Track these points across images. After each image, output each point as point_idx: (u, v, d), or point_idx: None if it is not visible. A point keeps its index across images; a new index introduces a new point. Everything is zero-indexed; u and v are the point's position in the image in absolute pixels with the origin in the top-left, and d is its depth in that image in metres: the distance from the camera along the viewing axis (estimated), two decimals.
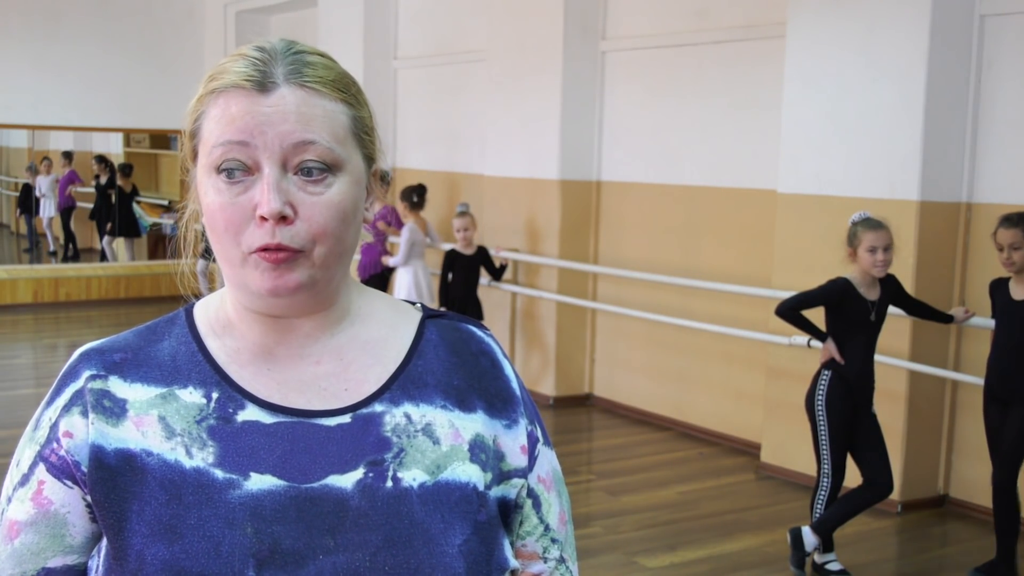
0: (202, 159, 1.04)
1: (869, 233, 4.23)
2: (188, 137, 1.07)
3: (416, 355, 1.12)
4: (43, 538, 1.03)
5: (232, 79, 1.02)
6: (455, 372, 1.13)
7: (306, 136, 1.01)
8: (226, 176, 1.01)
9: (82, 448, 1.03)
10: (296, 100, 1.01)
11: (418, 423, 1.08)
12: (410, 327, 1.15)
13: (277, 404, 1.06)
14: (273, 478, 1.02)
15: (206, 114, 1.04)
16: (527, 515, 1.14)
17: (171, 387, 1.06)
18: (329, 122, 1.03)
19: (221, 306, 1.12)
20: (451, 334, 1.16)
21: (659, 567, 4.57)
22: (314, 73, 1.03)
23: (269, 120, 1.00)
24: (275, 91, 1.01)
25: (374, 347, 1.12)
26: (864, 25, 5.36)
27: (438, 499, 1.05)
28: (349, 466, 1.04)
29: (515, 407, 1.14)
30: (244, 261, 1.02)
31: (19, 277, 10.86)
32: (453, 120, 8.55)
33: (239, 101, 1.01)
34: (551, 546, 1.16)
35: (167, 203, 12.72)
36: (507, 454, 1.12)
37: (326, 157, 1.02)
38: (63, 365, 1.11)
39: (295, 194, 1.01)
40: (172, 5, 11.59)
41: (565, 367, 7.42)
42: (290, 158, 1.01)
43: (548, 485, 1.16)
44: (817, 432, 4.40)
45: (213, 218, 1.02)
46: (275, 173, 1.00)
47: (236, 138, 1.00)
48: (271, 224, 0.99)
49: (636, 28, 7.00)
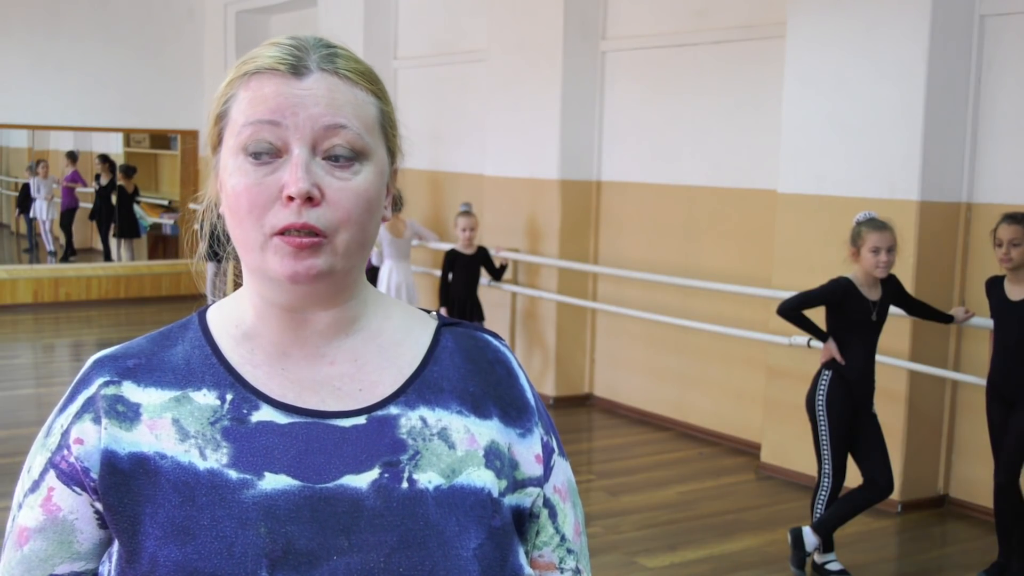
0: (229, 141, 1.03)
1: (874, 234, 4.23)
2: (214, 121, 1.06)
3: (432, 361, 1.12)
4: (51, 544, 1.03)
5: (266, 62, 1.02)
6: (471, 379, 1.12)
7: (337, 120, 1.01)
8: (253, 157, 1.01)
9: (93, 454, 1.02)
10: (329, 85, 1.02)
11: (434, 427, 1.07)
12: (425, 333, 1.14)
13: (291, 404, 1.05)
14: (287, 478, 1.02)
15: (236, 96, 1.04)
16: (543, 525, 1.14)
17: (185, 390, 1.05)
18: (359, 110, 1.04)
19: (237, 306, 1.11)
20: (467, 342, 1.16)
21: (659, 567, 4.57)
22: (346, 64, 1.05)
23: (302, 102, 1.01)
24: (308, 76, 1.02)
25: (389, 350, 1.11)
26: (864, 25, 5.36)
27: (453, 503, 1.04)
28: (364, 466, 1.03)
29: (530, 416, 1.14)
30: (265, 245, 1.01)
31: (19, 277, 10.85)
32: (453, 120, 8.55)
33: (273, 83, 1.01)
34: (567, 556, 1.15)
35: (167, 203, 12.72)
36: (521, 463, 1.11)
37: (355, 144, 1.02)
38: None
39: (323, 177, 1.01)
40: (172, 5, 11.59)
41: (565, 367, 7.42)
42: (320, 141, 1.01)
43: (564, 496, 1.16)
44: (817, 432, 4.40)
45: (237, 200, 1.02)
46: (305, 154, 1.00)
47: (267, 117, 1.00)
48: (297, 204, 0.99)
49: (636, 28, 7.00)
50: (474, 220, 7.03)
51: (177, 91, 11.51)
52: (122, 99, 11.17)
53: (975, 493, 5.23)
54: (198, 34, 11.71)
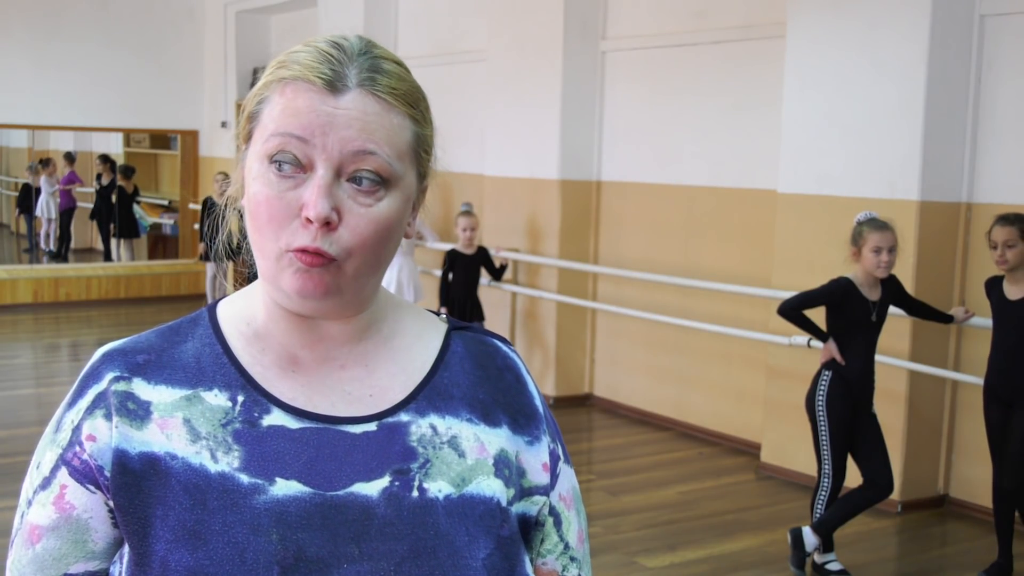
0: (257, 144, 1.02)
1: (875, 234, 4.23)
2: (247, 118, 1.05)
3: (442, 367, 1.11)
4: (65, 543, 1.02)
5: (303, 72, 0.99)
6: (480, 386, 1.12)
7: (367, 146, 0.98)
8: (277, 168, 0.99)
9: (105, 452, 1.01)
10: (364, 108, 0.99)
11: (444, 435, 1.07)
12: (436, 338, 1.14)
13: (302, 409, 1.05)
14: (299, 484, 1.01)
15: (269, 100, 1.02)
16: (548, 533, 1.13)
17: (196, 389, 1.04)
18: (393, 136, 1.01)
19: (247, 305, 1.10)
20: (476, 347, 1.15)
21: (659, 567, 4.57)
22: (387, 83, 1.01)
23: (333, 122, 0.98)
24: (345, 94, 0.99)
25: (400, 355, 1.10)
26: (864, 25, 5.36)
27: (463, 512, 1.04)
28: (375, 474, 1.03)
29: (538, 424, 1.13)
30: (280, 257, 1.00)
31: (19, 277, 10.86)
32: (453, 120, 8.55)
33: (307, 96, 0.99)
34: (570, 564, 1.15)
35: (167, 203, 12.73)
36: (528, 471, 1.11)
37: (383, 171, 0.99)
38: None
39: (344, 201, 0.99)
40: (172, 5, 11.59)
41: (565, 367, 7.42)
42: (346, 165, 0.98)
43: (568, 504, 1.15)
44: (817, 432, 4.40)
45: (257, 208, 1.00)
46: (328, 176, 0.98)
47: (297, 132, 0.98)
48: (315, 228, 0.98)
49: (636, 28, 7.00)
50: (474, 220, 7.03)
51: (177, 91, 11.53)
52: (122, 99, 11.18)
53: (975, 493, 5.23)
54: (198, 34, 11.71)
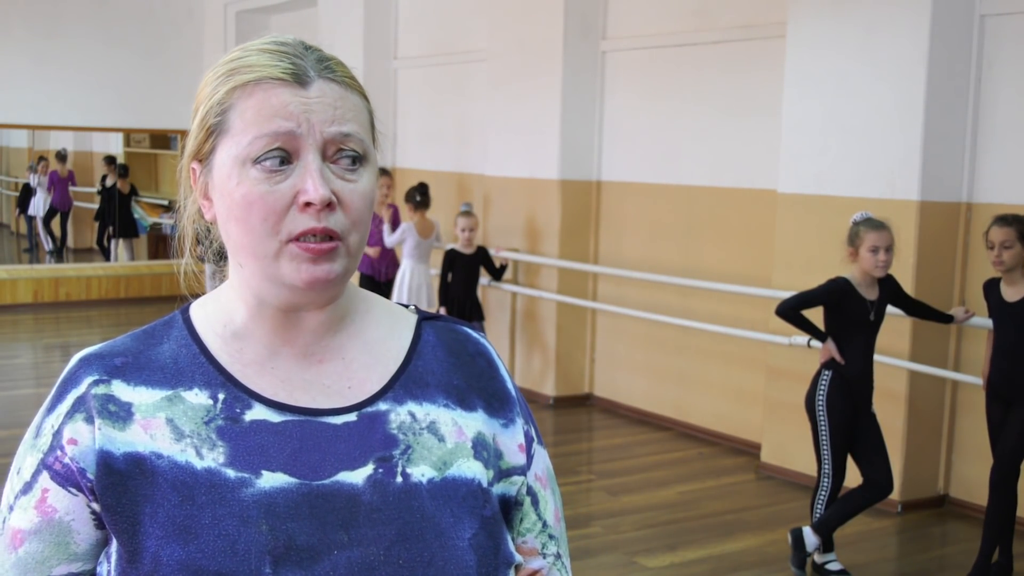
0: (231, 151, 1.03)
1: (871, 233, 4.23)
2: (205, 133, 1.06)
3: (415, 356, 1.15)
4: (48, 547, 1.03)
5: (268, 72, 1.03)
6: (454, 372, 1.15)
7: (344, 128, 1.04)
8: (263, 166, 1.02)
9: (88, 454, 1.02)
10: (331, 94, 1.05)
11: (423, 421, 1.10)
12: (407, 329, 1.17)
13: (283, 403, 1.07)
14: (285, 476, 1.03)
15: (234, 106, 1.04)
16: (526, 512, 1.17)
17: (176, 389, 1.06)
18: (359, 115, 1.07)
19: (220, 308, 1.12)
20: (448, 335, 1.18)
21: (659, 567, 4.57)
22: (342, 70, 1.08)
23: (312, 110, 1.03)
24: (311, 84, 1.04)
25: (374, 347, 1.13)
26: (864, 25, 5.36)
27: (446, 494, 1.07)
28: (358, 462, 1.06)
29: (512, 407, 1.17)
30: (280, 253, 1.03)
31: (19, 277, 10.85)
32: (453, 120, 8.55)
33: (280, 93, 1.03)
34: (549, 542, 1.19)
35: (167, 203, 12.72)
36: (505, 452, 1.14)
37: (359, 148, 1.05)
38: (63, 366, 1.10)
39: (334, 182, 1.04)
40: (172, 5, 11.59)
41: (565, 367, 7.42)
42: (329, 148, 1.04)
43: (544, 483, 1.19)
44: (817, 432, 4.41)
45: (249, 209, 1.02)
46: (318, 161, 1.03)
47: (282, 128, 1.02)
48: (316, 210, 1.02)
49: (636, 28, 7.00)
50: (474, 220, 7.03)
51: (177, 91, 11.50)
52: (122, 99, 11.17)
53: (975, 493, 5.23)
54: (198, 34, 11.71)
